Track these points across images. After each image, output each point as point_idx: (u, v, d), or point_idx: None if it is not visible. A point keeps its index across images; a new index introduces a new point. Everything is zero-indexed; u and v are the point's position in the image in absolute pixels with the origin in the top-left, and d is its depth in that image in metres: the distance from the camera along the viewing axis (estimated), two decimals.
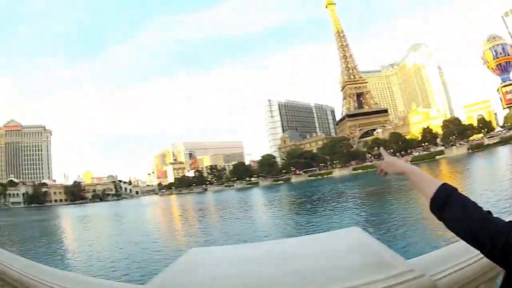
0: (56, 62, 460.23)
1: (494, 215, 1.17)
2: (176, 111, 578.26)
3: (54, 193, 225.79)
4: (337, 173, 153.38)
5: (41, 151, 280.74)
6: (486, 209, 1.20)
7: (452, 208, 1.23)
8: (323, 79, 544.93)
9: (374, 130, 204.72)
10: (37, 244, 35.27)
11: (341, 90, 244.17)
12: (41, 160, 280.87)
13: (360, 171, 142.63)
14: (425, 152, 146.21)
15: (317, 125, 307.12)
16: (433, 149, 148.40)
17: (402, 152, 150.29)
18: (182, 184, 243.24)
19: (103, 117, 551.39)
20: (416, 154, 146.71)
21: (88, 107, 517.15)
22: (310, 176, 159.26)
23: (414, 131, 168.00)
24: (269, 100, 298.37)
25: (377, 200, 42.22)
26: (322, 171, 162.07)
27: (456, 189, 1.30)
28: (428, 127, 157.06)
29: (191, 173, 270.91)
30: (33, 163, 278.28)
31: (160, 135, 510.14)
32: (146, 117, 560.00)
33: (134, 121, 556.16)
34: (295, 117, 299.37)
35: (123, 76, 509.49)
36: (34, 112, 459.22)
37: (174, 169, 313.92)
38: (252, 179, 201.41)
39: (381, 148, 1.84)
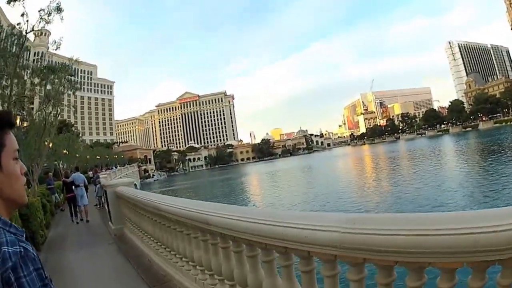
0: (230, 33, 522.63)
1: None
2: (359, 62, 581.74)
3: (241, 152, 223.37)
4: None
5: (224, 115, 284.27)
6: None
7: None
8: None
9: None
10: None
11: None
12: (224, 124, 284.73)
13: None
14: None
15: (496, 67, 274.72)
16: None
17: None
18: (374, 134, 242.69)
19: (287, 75, 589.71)
20: None
21: (270, 69, 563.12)
22: (495, 123, 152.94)
23: None
24: (449, 42, 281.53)
25: None
26: (505, 118, 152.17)
27: None
28: None
29: (383, 122, 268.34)
30: (216, 128, 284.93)
31: (348, 86, 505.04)
32: (330, 70, 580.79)
33: (319, 76, 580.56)
34: (475, 59, 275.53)
35: (299, 34, 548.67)
36: (214, 82, 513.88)
37: (365, 119, 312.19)
38: (442, 126, 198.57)
39: None
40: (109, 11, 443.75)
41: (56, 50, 20.52)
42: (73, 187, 16.00)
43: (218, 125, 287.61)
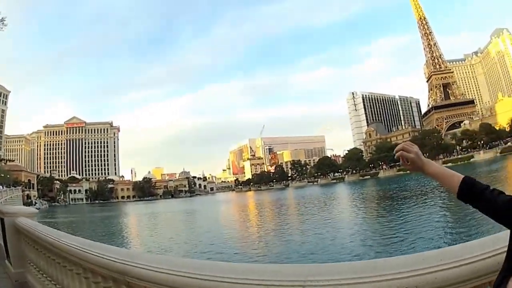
0: (127, 62, 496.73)
1: None
2: (252, 106, 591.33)
3: (122, 189, 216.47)
4: None
5: (108, 147, 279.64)
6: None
7: (478, 197, 1.49)
8: (406, 70, 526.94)
9: (461, 122, 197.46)
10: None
11: (427, 81, 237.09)
12: (107, 157, 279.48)
13: (450, 164, 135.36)
14: None
15: (402, 117, 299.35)
16: None
17: (493, 143, 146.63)
18: (261, 180, 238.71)
19: (177, 113, 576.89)
20: (507, 145, 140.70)
21: (161, 105, 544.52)
22: (399, 170, 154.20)
23: (502, 122, 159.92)
24: (353, 93, 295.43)
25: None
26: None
27: (476, 180, 1.57)
28: None
29: (271, 169, 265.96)
30: (99, 160, 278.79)
31: (237, 131, 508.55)
32: (221, 113, 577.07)
33: (208, 118, 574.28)
34: (379, 110, 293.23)
35: (197, 73, 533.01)
36: (103, 111, 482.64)
37: (252, 164, 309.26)
38: (336, 174, 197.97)
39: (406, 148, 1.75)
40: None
41: None
42: None
43: (101, 156, 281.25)
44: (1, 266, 8.81)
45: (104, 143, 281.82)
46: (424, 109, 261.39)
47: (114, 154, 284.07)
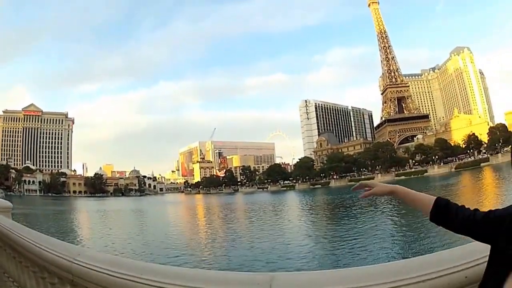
0: (85, 51, 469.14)
1: None
2: (205, 108, 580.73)
3: (74, 183, 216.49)
4: (379, 178, 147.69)
5: (62, 139, 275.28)
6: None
7: (453, 217, 1.43)
8: (361, 81, 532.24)
9: (414, 136, 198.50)
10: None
11: (382, 94, 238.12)
12: (61, 149, 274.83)
13: (403, 177, 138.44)
14: (469, 159, 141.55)
15: (354, 128, 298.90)
16: (475, 157, 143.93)
17: (448, 158, 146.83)
18: (210, 184, 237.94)
19: (129, 109, 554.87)
20: (462, 161, 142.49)
21: (115, 99, 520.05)
22: (351, 181, 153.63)
23: (456, 138, 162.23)
24: (306, 101, 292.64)
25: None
26: (362, 176, 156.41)
27: (449, 201, 1.51)
28: (473, 133, 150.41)
29: (220, 173, 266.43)
30: (53, 151, 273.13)
31: (188, 132, 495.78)
32: (173, 112, 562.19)
33: (159, 116, 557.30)
34: (331, 120, 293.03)
35: (151, 68, 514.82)
36: (59, 99, 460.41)
37: (201, 167, 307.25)
38: (286, 182, 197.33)
39: (367, 182, 1.80)
40: None
41: None
42: None
43: (56, 148, 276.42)
44: None
45: (58, 134, 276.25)
46: (376, 121, 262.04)
47: (68, 147, 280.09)
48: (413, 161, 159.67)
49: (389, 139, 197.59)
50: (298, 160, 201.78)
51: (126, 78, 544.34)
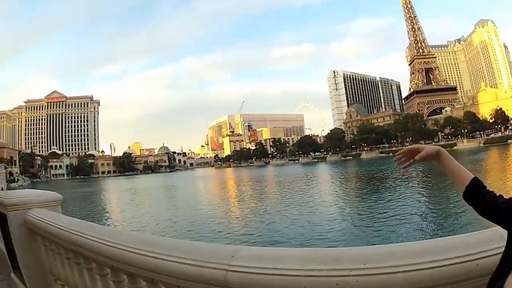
0: (107, 33, 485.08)
1: None
2: (232, 82, 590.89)
3: (102, 164, 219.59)
4: None
5: (88, 121, 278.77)
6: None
7: (483, 201, 1.41)
8: (388, 52, 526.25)
9: (442, 108, 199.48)
10: None
11: (409, 65, 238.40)
12: (87, 131, 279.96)
13: None
14: (497, 135, 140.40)
15: (382, 99, 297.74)
16: (502, 132, 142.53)
17: (476, 132, 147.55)
18: (241, 157, 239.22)
19: (155, 87, 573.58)
20: (489, 136, 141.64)
21: (140, 78, 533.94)
22: (381, 152, 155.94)
23: (483, 112, 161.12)
24: (334, 71, 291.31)
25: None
26: (393, 148, 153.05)
27: (485, 186, 1.49)
28: (500, 108, 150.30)
29: (250, 145, 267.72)
30: (79, 134, 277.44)
31: (216, 106, 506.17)
32: (200, 87, 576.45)
33: (187, 92, 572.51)
34: (360, 91, 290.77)
35: (176, 46, 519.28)
36: (84, 84, 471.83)
37: (231, 141, 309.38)
38: (316, 154, 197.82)
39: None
40: None
41: None
42: None
43: (82, 131, 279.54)
44: (5, 282, 5.50)
45: (84, 117, 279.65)
46: (404, 93, 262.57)
47: (94, 129, 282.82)
48: (443, 134, 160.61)
49: (417, 111, 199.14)
50: (329, 132, 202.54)
51: (151, 57, 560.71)
